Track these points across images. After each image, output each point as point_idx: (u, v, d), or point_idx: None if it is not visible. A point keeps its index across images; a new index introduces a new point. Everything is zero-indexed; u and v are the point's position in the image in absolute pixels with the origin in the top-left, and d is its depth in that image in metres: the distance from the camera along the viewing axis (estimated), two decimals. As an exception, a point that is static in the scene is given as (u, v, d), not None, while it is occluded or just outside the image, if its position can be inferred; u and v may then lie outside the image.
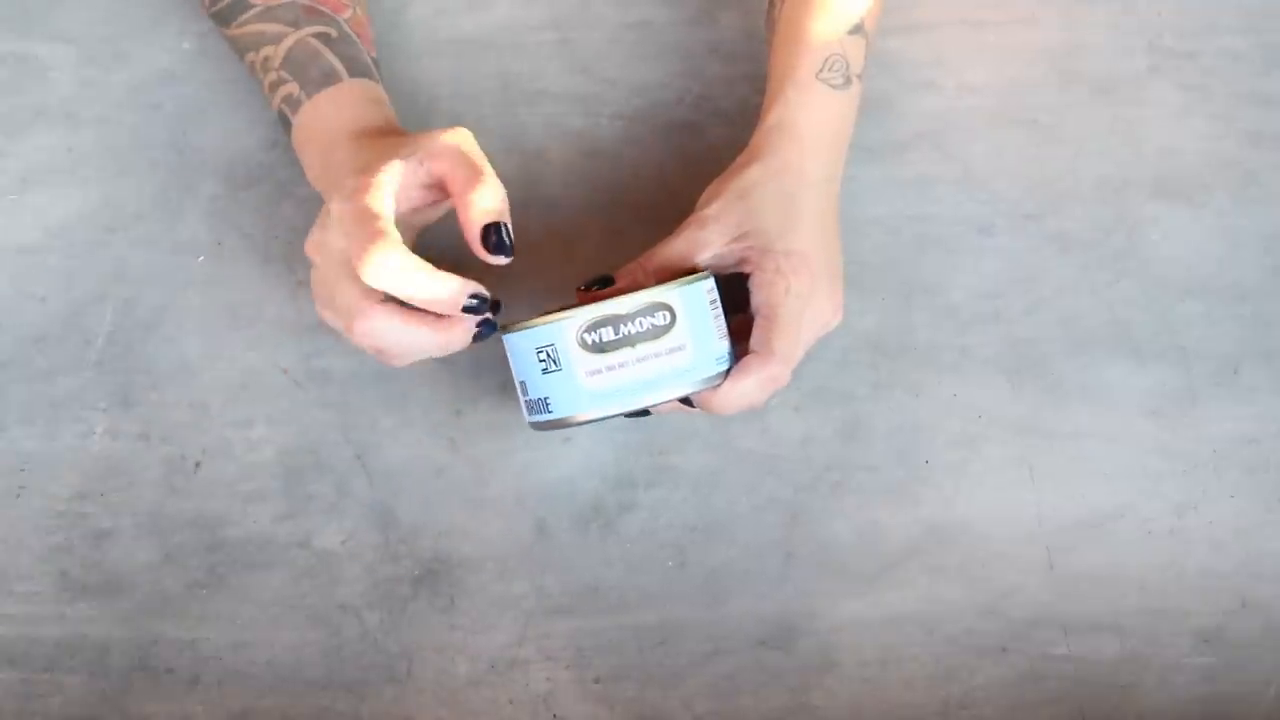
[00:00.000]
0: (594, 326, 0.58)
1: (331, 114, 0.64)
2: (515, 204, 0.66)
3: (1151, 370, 0.71)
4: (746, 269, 0.61)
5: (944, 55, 0.74)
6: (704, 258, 0.61)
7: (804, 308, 0.61)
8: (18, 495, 0.68)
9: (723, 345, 0.61)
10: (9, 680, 0.66)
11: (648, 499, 0.68)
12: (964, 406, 0.70)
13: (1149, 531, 0.69)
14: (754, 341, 0.61)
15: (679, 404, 0.62)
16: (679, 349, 0.59)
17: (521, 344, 0.60)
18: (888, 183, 0.72)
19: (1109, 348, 0.71)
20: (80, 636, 0.66)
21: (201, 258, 0.71)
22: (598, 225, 0.72)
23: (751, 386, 0.60)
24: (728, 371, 0.61)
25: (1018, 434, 0.69)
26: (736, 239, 0.61)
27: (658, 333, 0.58)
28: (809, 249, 0.62)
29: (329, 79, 0.64)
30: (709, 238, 0.61)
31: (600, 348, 0.58)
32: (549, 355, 0.59)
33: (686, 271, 0.61)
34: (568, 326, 0.58)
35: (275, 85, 0.65)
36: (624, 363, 0.58)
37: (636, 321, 0.58)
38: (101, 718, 0.66)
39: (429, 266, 0.56)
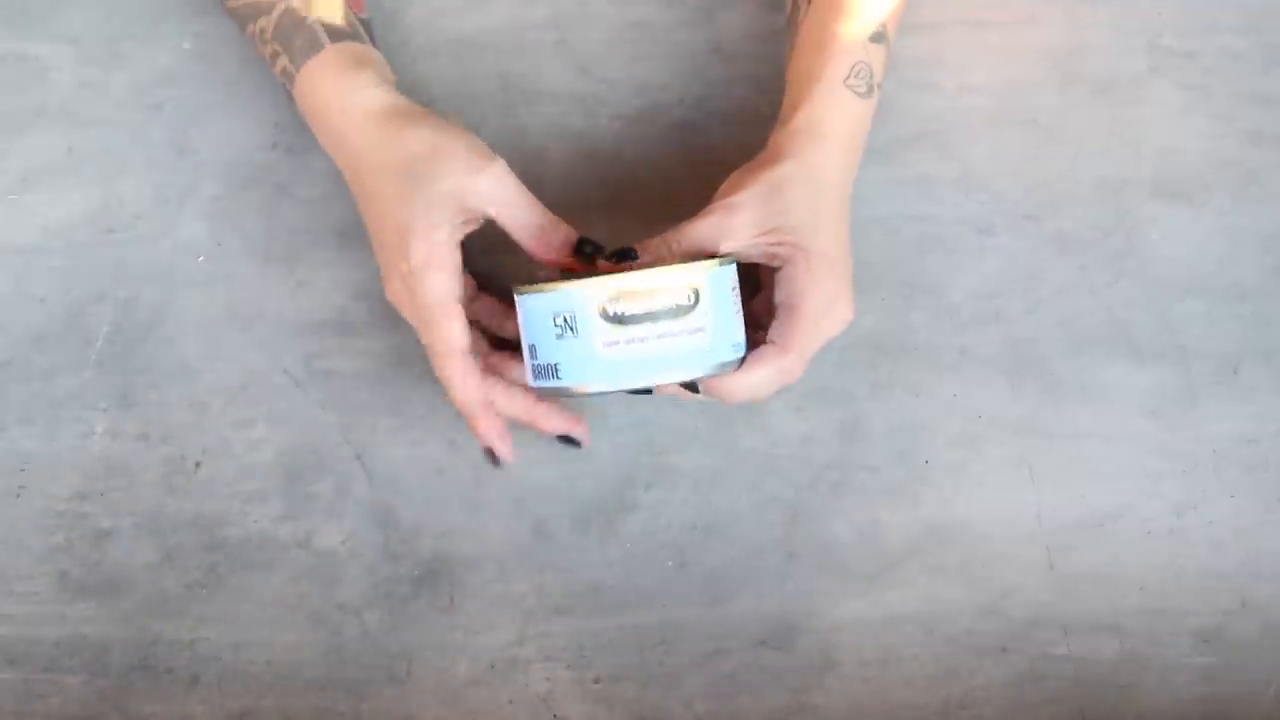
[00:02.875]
0: (618, 298, 0.57)
1: (320, 85, 0.64)
2: (515, 204, 0.66)
3: (1151, 370, 0.71)
4: (776, 264, 0.62)
5: (944, 55, 0.74)
6: (730, 245, 0.61)
7: (830, 306, 0.61)
8: (18, 495, 0.68)
9: (740, 333, 0.60)
10: (9, 680, 0.66)
11: (648, 499, 0.68)
12: (964, 406, 0.70)
13: (1149, 531, 0.69)
14: (773, 332, 0.61)
15: (681, 389, 0.62)
16: (699, 330, 0.58)
17: (538, 306, 0.59)
18: (888, 183, 0.72)
19: (1108, 348, 0.71)
20: (80, 636, 0.66)
21: (201, 258, 0.71)
22: (598, 225, 0.71)
23: (765, 376, 0.61)
24: (742, 360, 0.61)
25: (1018, 434, 0.69)
26: (765, 232, 0.61)
27: (681, 312, 0.58)
28: (832, 249, 0.62)
29: (313, 47, 0.64)
30: (738, 227, 0.61)
31: (621, 320, 0.57)
32: (566, 321, 0.58)
33: (710, 255, 0.61)
34: (591, 295, 0.57)
35: (274, 57, 0.66)
36: (643, 337, 0.57)
37: (662, 298, 0.57)
38: (101, 718, 0.66)
39: (501, 385, 0.63)
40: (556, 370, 0.59)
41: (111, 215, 0.71)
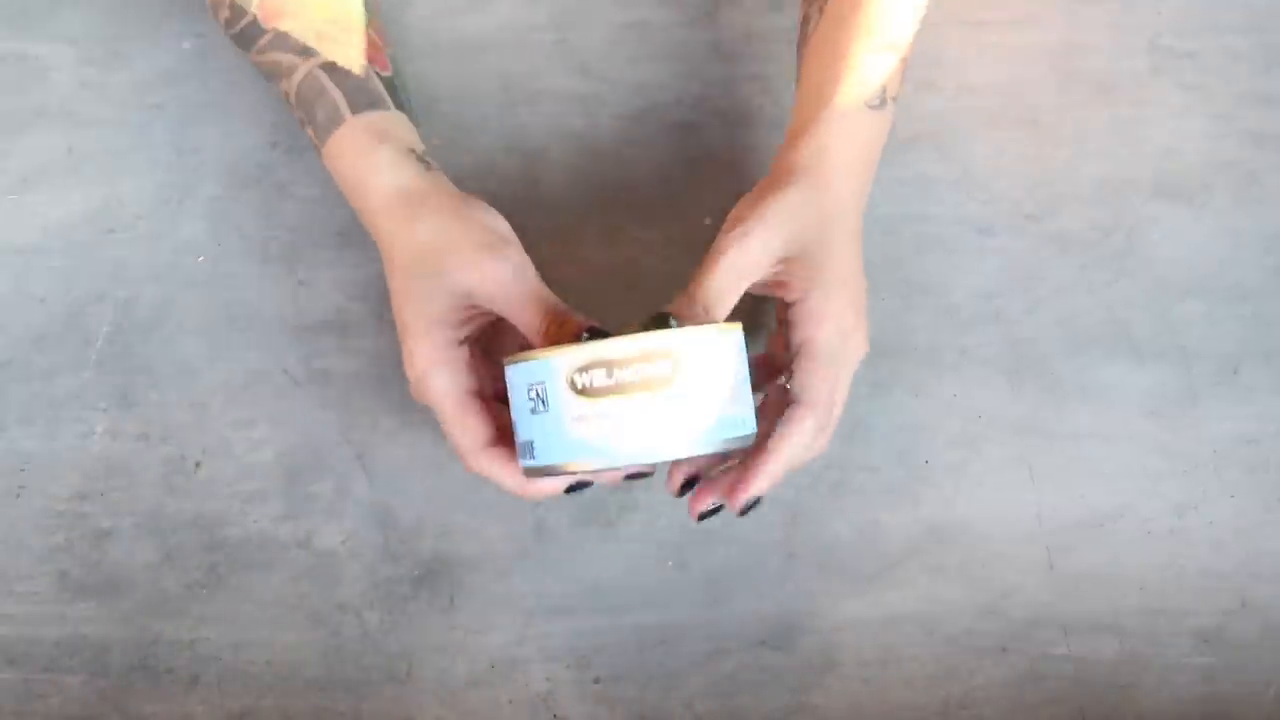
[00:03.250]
0: (586, 368, 0.52)
1: (343, 163, 0.63)
2: (515, 204, 0.66)
3: (1151, 370, 0.71)
4: (788, 296, 0.59)
5: (944, 55, 0.74)
6: (752, 281, 0.58)
7: (845, 342, 0.59)
8: (18, 495, 0.68)
9: (740, 408, 0.54)
10: (9, 680, 0.66)
11: (648, 499, 0.68)
12: (964, 406, 0.70)
13: (1149, 531, 0.69)
14: (797, 388, 0.58)
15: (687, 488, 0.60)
16: (681, 404, 0.52)
17: (516, 378, 0.55)
18: (888, 183, 0.72)
19: (1108, 348, 0.71)
20: (80, 636, 0.66)
21: (201, 258, 0.71)
22: (598, 225, 0.72)
23: (803, 442, 0.57)
24: (747, 438, 0.55)
25: (1018, 434, 0.69)
26: (776, 261, 0.59)
27: (656, 383, 0.52)
28: (847, 276, 0.60)
29: (333, 121, 0.63)
30: (756, 261, 0.58)
31: (591, 392, 0.52)
32: (538, 394, 0.53)
33: (740, 307, 0.58)
34: (558, 364, 0.52)
35: (301, 124, 0.65)
36: (613, 413, 0.52)
37: (632, 369, 0.51)
38: (101, 718, 0.66)
39: (518, 479, 0.59)
40: (532, 448, 0.54)
41: (111, 215, 0.71)
